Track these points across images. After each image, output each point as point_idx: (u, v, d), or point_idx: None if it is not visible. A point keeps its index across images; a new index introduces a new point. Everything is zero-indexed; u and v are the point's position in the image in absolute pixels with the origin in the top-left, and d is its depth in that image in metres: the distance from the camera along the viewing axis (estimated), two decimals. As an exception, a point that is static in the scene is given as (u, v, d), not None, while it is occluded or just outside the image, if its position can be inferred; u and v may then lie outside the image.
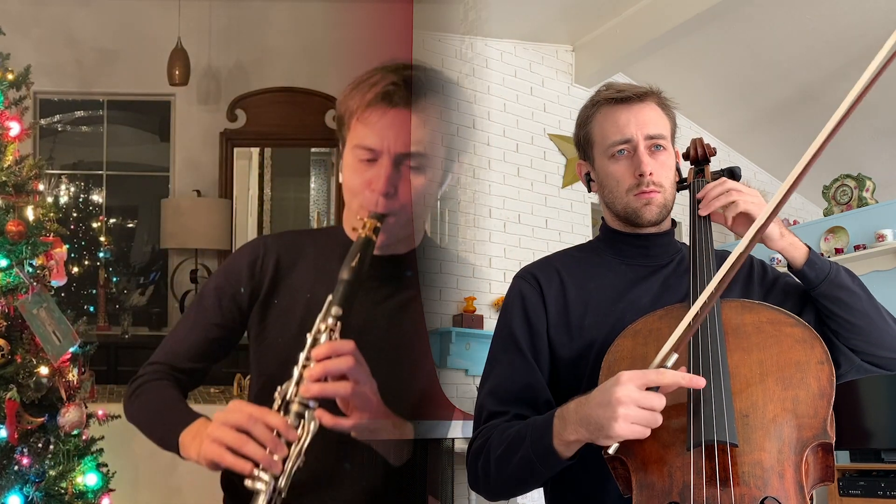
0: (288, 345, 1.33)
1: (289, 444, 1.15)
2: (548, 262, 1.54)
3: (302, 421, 1.16)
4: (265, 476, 1.13)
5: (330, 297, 1.20)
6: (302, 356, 1.19)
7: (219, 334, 1.43)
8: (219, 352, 1.45)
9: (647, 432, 1.12)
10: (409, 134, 1.26)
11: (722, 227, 1.48)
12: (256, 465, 1.13)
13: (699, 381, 1.15)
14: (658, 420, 1.12)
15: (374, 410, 1.23)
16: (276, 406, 1.18)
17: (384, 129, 1.26)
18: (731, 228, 1.45)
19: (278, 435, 1.15)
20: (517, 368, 1.41)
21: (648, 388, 1.11)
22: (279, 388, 1.19)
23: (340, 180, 1.36)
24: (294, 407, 1.17)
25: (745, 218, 1.41)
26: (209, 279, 1.49)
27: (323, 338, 1.19)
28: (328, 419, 1.18)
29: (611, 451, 1.13)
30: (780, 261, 5.31)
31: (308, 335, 1.20)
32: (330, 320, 1.19)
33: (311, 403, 1.17)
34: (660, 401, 1.11)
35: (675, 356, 1.14)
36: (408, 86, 1.27)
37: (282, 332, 1.38)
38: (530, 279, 1.49)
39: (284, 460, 1.14)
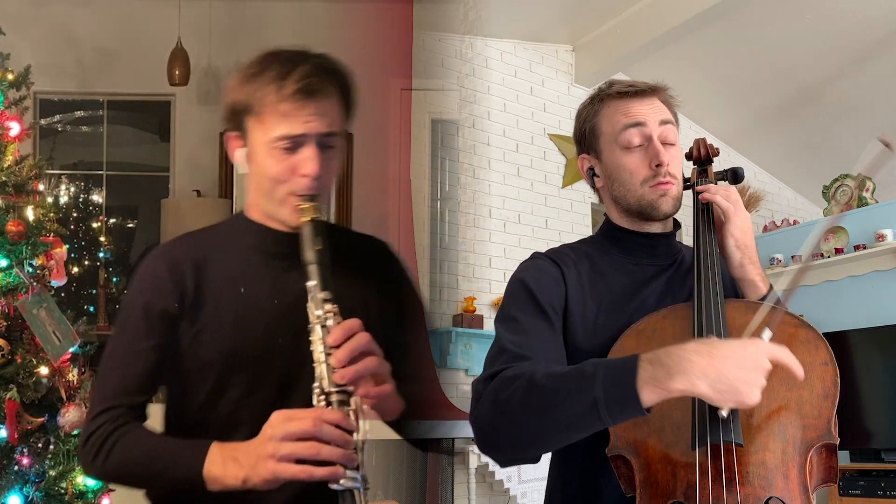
0: (225, 339, 1.32)
1: (350, 433, 1.16)
2: (561, 251, 1.49)
3: (349, 408, 1.17)
4: (349, 473, 1.13)
5: (312, 283, 1.22)
6: (318, 347, 1.19)
7: (160, 355, 1.33)
8: (161, 375, 1.36)
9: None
10: (328, 118, 1.29)
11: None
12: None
13: (801, 373, 1.14)
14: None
15: (390, 377, 1.24)
16: (319, 403, 1.18)
17: (306, 117, 1.28)
18: (719, 232, 1.43)
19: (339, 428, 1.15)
20: (542, 330, 1.34)
21: None
22: (314, 385, 1.18)
23: (245, 170, 1.35)
24: (335, 397, 1.17)
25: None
26: (129, 301, 1.38)
27: (329, 322, 1.20)
28: (374, 391, 1.20)
29: (724, 412, 1.09)
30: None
31: (309, 326, 1.21)
32: (327, 305, 1.21)
33: (350, 388, 1.18)
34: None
35: (769, 332, 1.13)
36: (321, 73, 1.29)
37: (217, 329, 1.33)
38: (548, 260, 1.44)
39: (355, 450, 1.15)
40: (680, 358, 1.07)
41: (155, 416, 1.39)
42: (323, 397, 1.18)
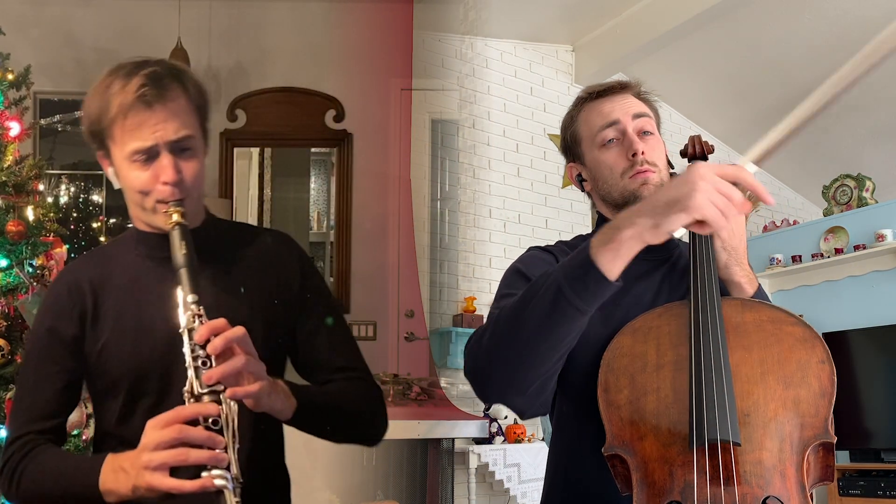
0: (130, 349, 1.35)
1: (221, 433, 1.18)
2: (557, 245, 1.53)
3: (221, 406, 1.19)
4: (218, 472, 1.15)
5: (179, 289, 1.25)
6: (186, 350, 1.21)
7: (68, 378, 1.37)
8: (72, 398, 1.40)
9: (723, 221, 1.06)
10: (175, 123, 1.31)
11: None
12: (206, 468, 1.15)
13: (770, 199, 1.12)
14: (734, 212, 1.07)
15: (265, 376, 1.25)
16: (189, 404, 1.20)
17: (151, 128, 1.30)
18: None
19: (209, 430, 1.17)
20: None
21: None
22: (184, 389, 1.20)
23: (117, 186, 1.38)
24: (206, 399, 1.19)
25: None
26: (34, 328, 1.42)
27: (196, 325, 1.21)
28: (230, 392, 1.20)
29: (678, 233, 1.08)
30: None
31: (180, 330, 1.23)
32: (194, 307, 1.23)
33: (219, 387, 1.19)
34: (738, 193, 1.07)
35: (754, 168, 1.12)
36: (154, 81, 1.31)
37: (121, 341, 1.36)
38: (543, 251, 1.48)
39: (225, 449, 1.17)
40: (622, 214, 1.13)
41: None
42: (193, 400, 1.19)
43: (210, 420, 1.17)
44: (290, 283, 1.46)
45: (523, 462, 4.33)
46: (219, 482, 1.14)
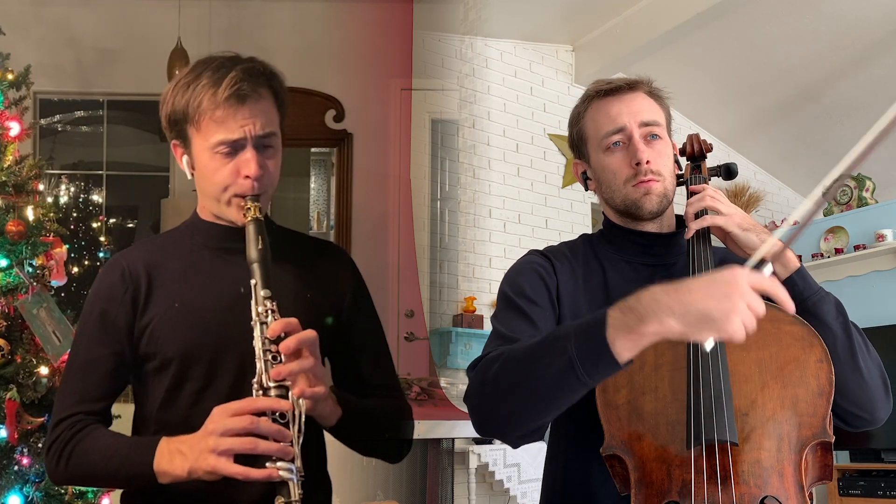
0: (179, 334, 1.36)
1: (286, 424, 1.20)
2: (558, 248, 1.51)
3: (286, 401, 1.21)
4: (285, 465, 1.17)
5: (253, 282, 1.27)
6: (258, 344, 1.23)
7: (117, 362, 1.38)
8: (121, 381, 1.41)
9: (744, 335, 1.01)
10: (262, 120, 1.34)
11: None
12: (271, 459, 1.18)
13: (791, 306, 1.07)
14: (755, 326, 1.02)
15: (325, 381, 1.27)
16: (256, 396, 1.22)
17: (241, 121, 1.32)
18: (721, 234, 1.39)
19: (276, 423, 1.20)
20: (533, 319, 1.36)
21: None
22: (253, 381, 1.22)
23: (189, 176, 1.41)
24: (273, 392, 1.21)
25: (719, 230, 1.36)
26: (86, 310, 1.42)
27: (269, 320, 1.24)
28: (309, 391, 1.23)
29: (708, 347, 1.04)
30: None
31: (252, 323, 1.25)
32: (267, 303, 1.25)
33: (287, 383, 1.22)
34: (763, 308, 1.02)
35: (769, 265, 1.06)
36: (250, 77, 1.34)
37: (171, 326, 1.37)
38: (540, 255, 1.48)
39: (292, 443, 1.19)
40: (649, 300, 1.04)
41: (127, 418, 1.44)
42: (261, 392, 1.22)
43: (277, 414, 1.20)
44: (344, 298, 1.49)
45: (523, 462, 4.33)
46: (284, 474, 1.17)
